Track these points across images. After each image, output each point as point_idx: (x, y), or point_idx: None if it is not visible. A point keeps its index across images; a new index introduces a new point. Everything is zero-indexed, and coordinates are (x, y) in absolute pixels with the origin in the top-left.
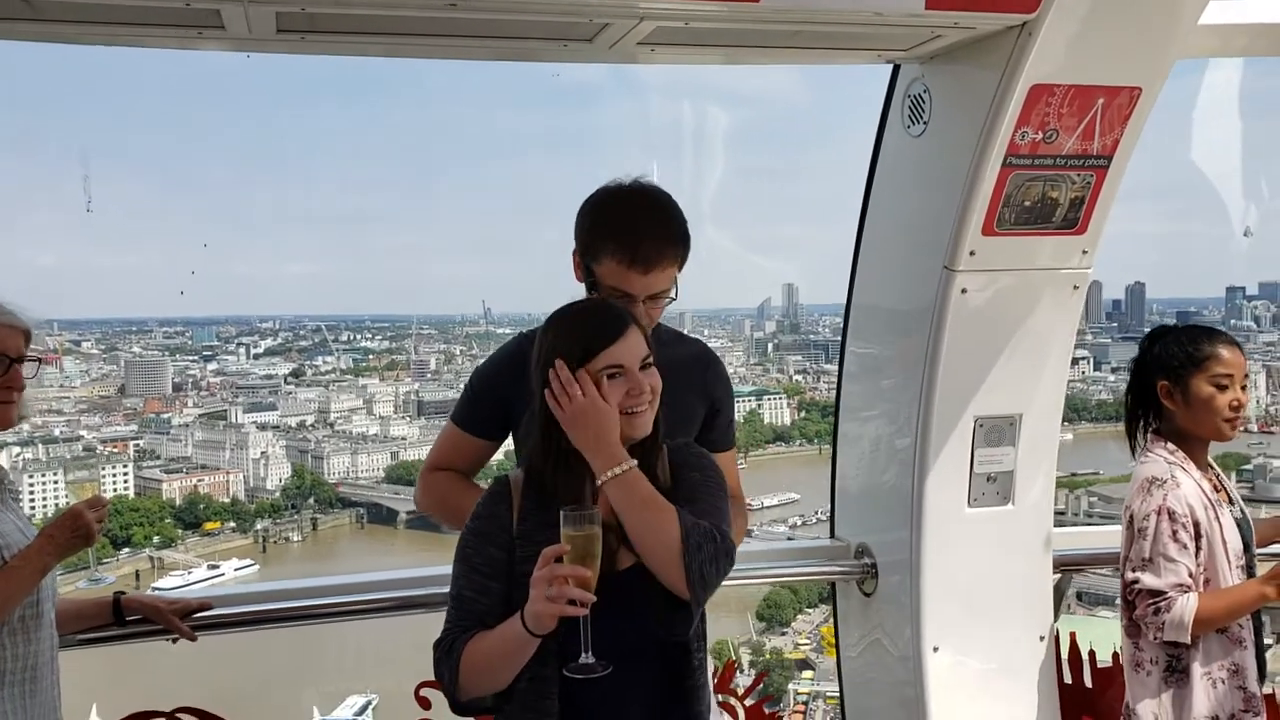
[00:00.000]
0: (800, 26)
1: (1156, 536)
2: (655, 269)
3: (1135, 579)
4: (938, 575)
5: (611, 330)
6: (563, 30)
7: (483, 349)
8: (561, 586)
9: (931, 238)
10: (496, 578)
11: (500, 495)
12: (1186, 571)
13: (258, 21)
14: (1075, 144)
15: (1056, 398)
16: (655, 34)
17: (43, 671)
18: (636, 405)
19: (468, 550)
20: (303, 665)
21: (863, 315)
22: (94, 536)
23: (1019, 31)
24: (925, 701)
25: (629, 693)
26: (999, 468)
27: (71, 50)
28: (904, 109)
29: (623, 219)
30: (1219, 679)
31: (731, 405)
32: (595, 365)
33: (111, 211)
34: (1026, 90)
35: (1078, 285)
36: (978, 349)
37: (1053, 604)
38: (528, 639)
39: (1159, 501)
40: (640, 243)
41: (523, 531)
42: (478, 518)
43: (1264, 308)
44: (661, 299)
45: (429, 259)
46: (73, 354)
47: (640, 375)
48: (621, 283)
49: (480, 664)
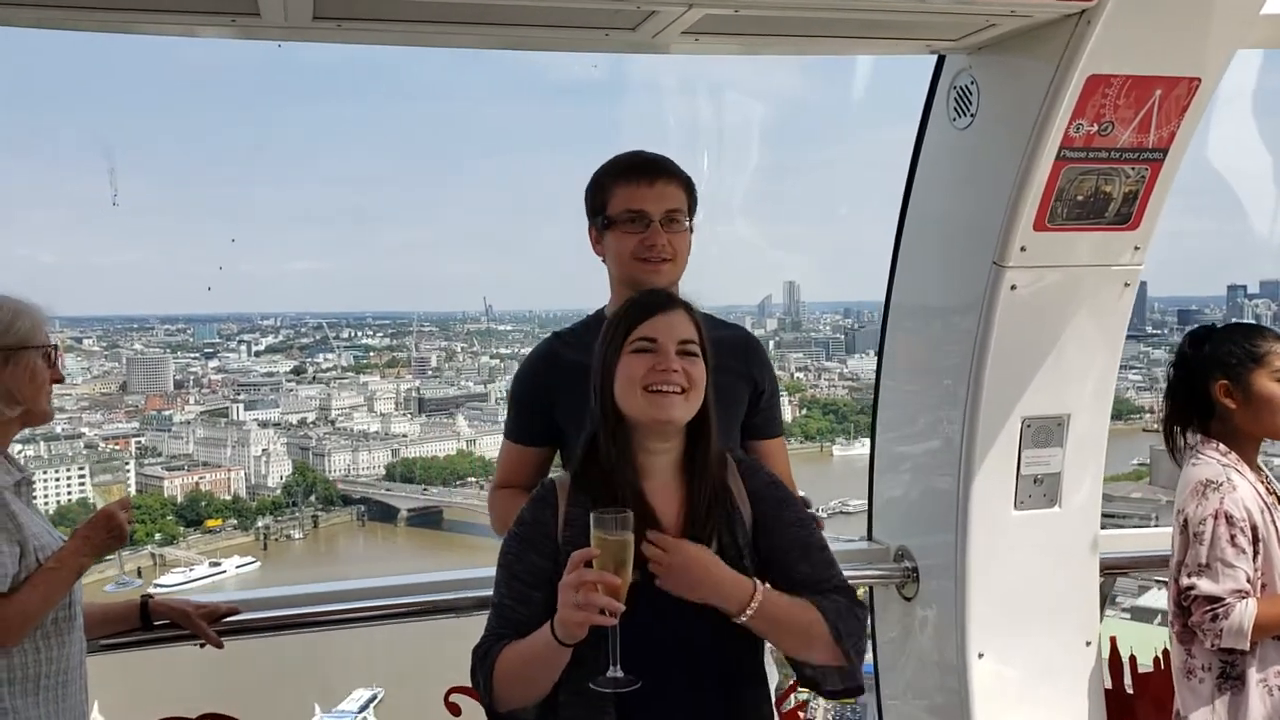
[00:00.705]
0: (848, 14)
1: (1214, 541)
2: (659, 180)
3: (1191, 585)
4: (983, 580)
5: (650, 305)
6: (606, 18)
7: (484, 346)
8: (590, 594)
9: (979, 233)
10: (538, 586)
11: (545, 500)
12: (1245, 577)
13: (295, 8)
14: (1131, 136)
15: (1105, 398)
16: (701, 22)
17: (73, 675)
18: (662, 384)
19: (509, 557)
20: (303, 663)
21: (904, 312)
22: (126, 537)
23: (1077, 20)
24: (970, 709)
25: (690, 707)
26: (1046, 469)
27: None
28: (950, 101)
29: (621, 156)
30: (1275, 685)
31: (776, 389)
32: (631, 339)
33: (113, 208)
34: (1083, 81)
35: (1129, 282)
36: (1026, 347)
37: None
38: (558, 648)
39: (1216, 505)
40: (641, 160)
41: (568, 538)
42: (521, 523)
43: (1265, 306)
44: (679, 223)
45: (431, 256)
46: (74, 351)
47: (672, 354)
48: (633, 200)
49: (513, 673)
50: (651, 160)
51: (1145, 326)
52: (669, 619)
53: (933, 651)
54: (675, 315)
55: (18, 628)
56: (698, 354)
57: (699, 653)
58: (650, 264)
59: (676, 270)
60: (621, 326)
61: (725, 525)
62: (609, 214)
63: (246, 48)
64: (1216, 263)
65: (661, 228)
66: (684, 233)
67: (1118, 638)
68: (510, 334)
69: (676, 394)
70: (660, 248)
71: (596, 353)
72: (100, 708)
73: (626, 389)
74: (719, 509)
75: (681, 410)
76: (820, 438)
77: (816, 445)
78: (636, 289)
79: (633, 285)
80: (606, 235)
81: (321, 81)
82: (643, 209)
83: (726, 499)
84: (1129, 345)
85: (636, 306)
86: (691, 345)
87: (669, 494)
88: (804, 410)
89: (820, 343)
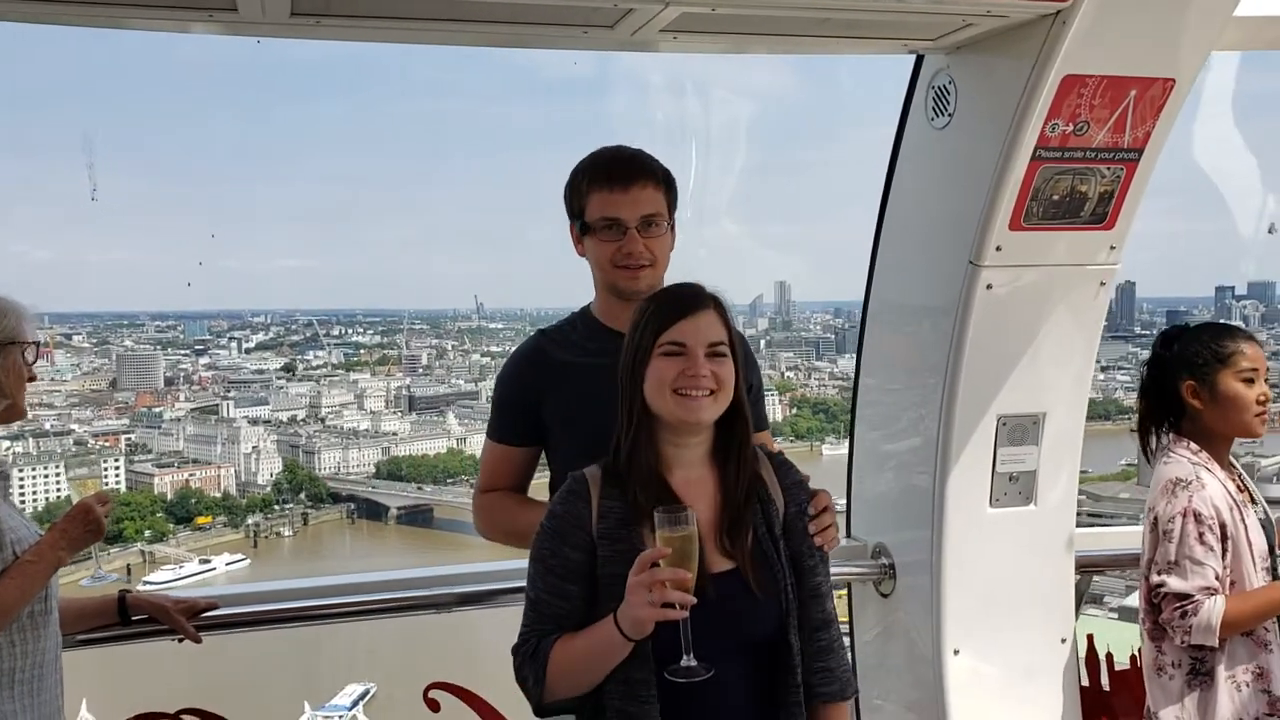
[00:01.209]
0: (826, 14)
1: (1182, 539)
2: (635, 185)
3: (1161, 582)
4: (959, 576)
5: (679, 308)
6: (584, 16)
7: (475, 344)
8: (661, 590)
9: (956, 232)
10: (575, 580)
11: (578, 493)
12: (1213, 574)
13: (272, 4)
14: (1106, 136)
15: (1081, 397)
16: (679, 20)
17: (48, 669)
18: (690, 388)
19: (543, 551)
20: (295, 659)
21: (882, 311)
22: (103, 531)
23: (1053, 20)
24: (945, 705)
25: (728, 695)
26: (1021, 467)
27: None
28: (928, 101)
29: (598, 155)
30: (1243, 682)
31: (761, 384)
32: (660, 341)
33: (103, 204)
34: (1058, 81)
35: (1104, 282)
36: (1002, 346)
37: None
38: (622, 643)
39: (1184, 503)
40: (616, 163)
41: (603, 530)
42: (553, 516)
43: (1253, 307)
44: (657, 228)
45: (422, 253)
46: (64, 348)
47: (702, 357)
48: (608, 208)
49: (571, 667)
50: (626, 161)
51: (1134, 327)
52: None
53: (909, 648)
54: (704, 317)
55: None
56: (727, 354)
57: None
58: (629, 271)
59: (657, 274)
60: (650, 327)
61: (761, 516)
62: (586, 219)
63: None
64: (1205, 263)
65: (639, 233)
66: (663, 236)
67: (1094, 636)
68: (501, 332)
69: (705, 396)
70: (638, 254)
71: (626, 349)
72: (89, 705)
73: (656, 391)
74: (754, 499)
75: (710, 411)
76: (810, 437)
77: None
78: (619, 293)
79: (614, 290)
80: (586, 240)
81: (312, 79)
82: (618, 216)
83: (761, 489)
84: (1118, 345)
85: (666, 306)
86: (721, 346)
87: (701, 485)
88: (794, 409)
89: (810, 342)
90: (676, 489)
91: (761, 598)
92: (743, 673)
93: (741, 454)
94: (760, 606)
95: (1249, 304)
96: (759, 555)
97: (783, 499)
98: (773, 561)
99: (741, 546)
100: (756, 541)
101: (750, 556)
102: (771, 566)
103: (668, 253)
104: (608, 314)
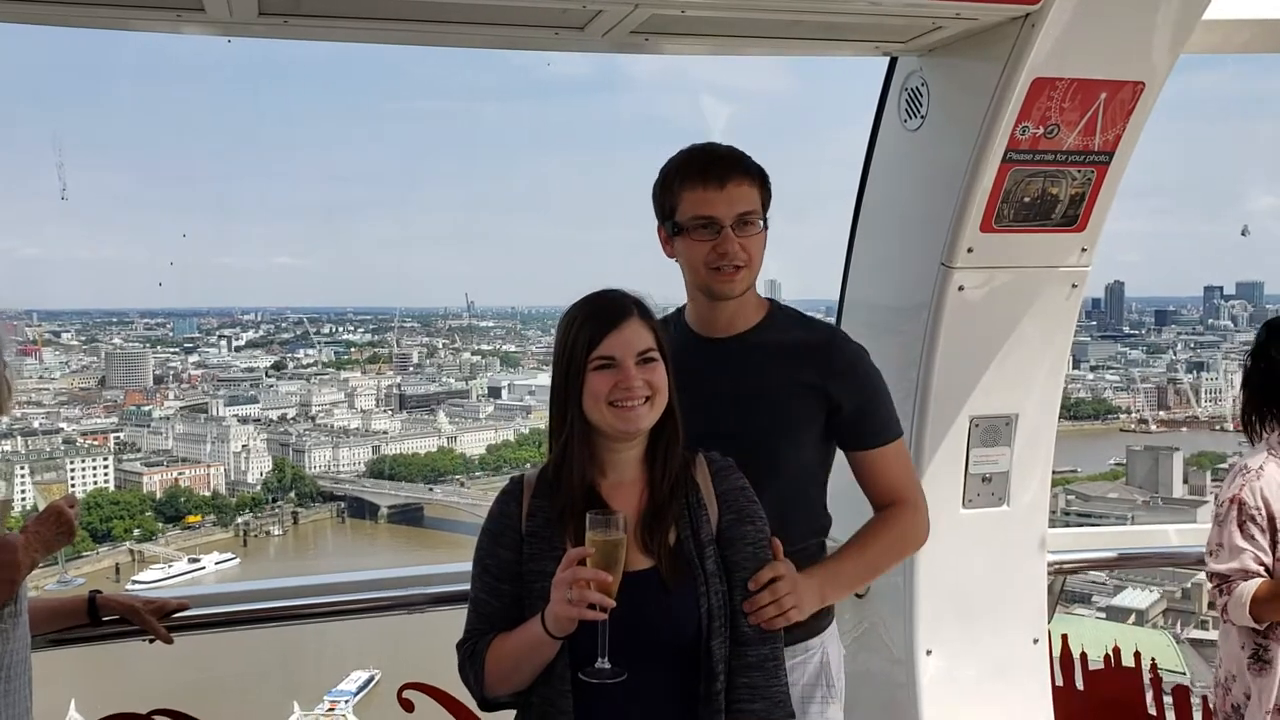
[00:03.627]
0: (798, 16)
1: (1225, 523)
2: (730, 182)
3: (1208, 563)
4: (931, 577)
5: (606, 322)
6: (554, 17)
7: (465, 342)
8: (582, 589)
9: (928, 234)
10: (507, 579)
11: (512, 494)
12: (1252, 559)
13: (240, 3)
14: (1076, 139)
15: (1053, 398)
16: (649, 22)
17: (17, 671)
18: (624, 400)
19: (481, 553)
20: (288, 658)
21: (856, 312)
22: (74, 532)
23: (1022, 23)
24: (918, 704)
25: (644, 697)
26: (994, 468)
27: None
28: (901, 102)
29: (691, 152)
30: None
31: (871, 401)
32: (592, 357)
33: (92, 201)
34: (1028, 84)
35: (1076, 284)
36: (974, 347)
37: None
38: (547, 640)
39: (1235, 490)
40: (710, 160)
41: (530, 529)
42: (491, 518)
43: (1241, 307)
44: (753, 225)
45: (412, 251)
46: (52, 345)
47: (633, 369)
48: (702, 206)
49: (503, 665)
50: (722, 158)
51: (1122, 326)
52: (647, 614)
53: (883, 648)
54: (630, 327)
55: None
56: (656, 359)
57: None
58: (723, 273)
59: (751, 275)
60: (581, 342)
61: (686, 518)
62: (678, 219)
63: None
64: (1193, 263)
65: (734, 232)
66: (759, 235)
67: (1074, 635)
68: (492, 330)
69: (641, 405)
70: (734, 255)
71: (558, 362)
72: (77, 705)
73: (593, 404)
74: (679, 500)
75: (648, 419)
76: None
77: None
78: (711, 295)
79: (707, 292)
80: (677, 241)
81: (303, 76)
82: (713, 215)
83: (691, 493)
84: (1107, 345)
85: (592, 321)
86: (650, 353)
87: (631, 488)
88: None
89: None
90: (605, 492)
91: (676, 598)
92: (662, 676)
93: (668, 448)
94: (675, 607)
95: (1237, 304)
96: (680, 556)
97: (717, 506)
98: (693, 564)
99: (661, 544)
100: (679, 543)
101: (671, 556)
102: (691, 569)
103: (762, 252)
104: (702, 321)
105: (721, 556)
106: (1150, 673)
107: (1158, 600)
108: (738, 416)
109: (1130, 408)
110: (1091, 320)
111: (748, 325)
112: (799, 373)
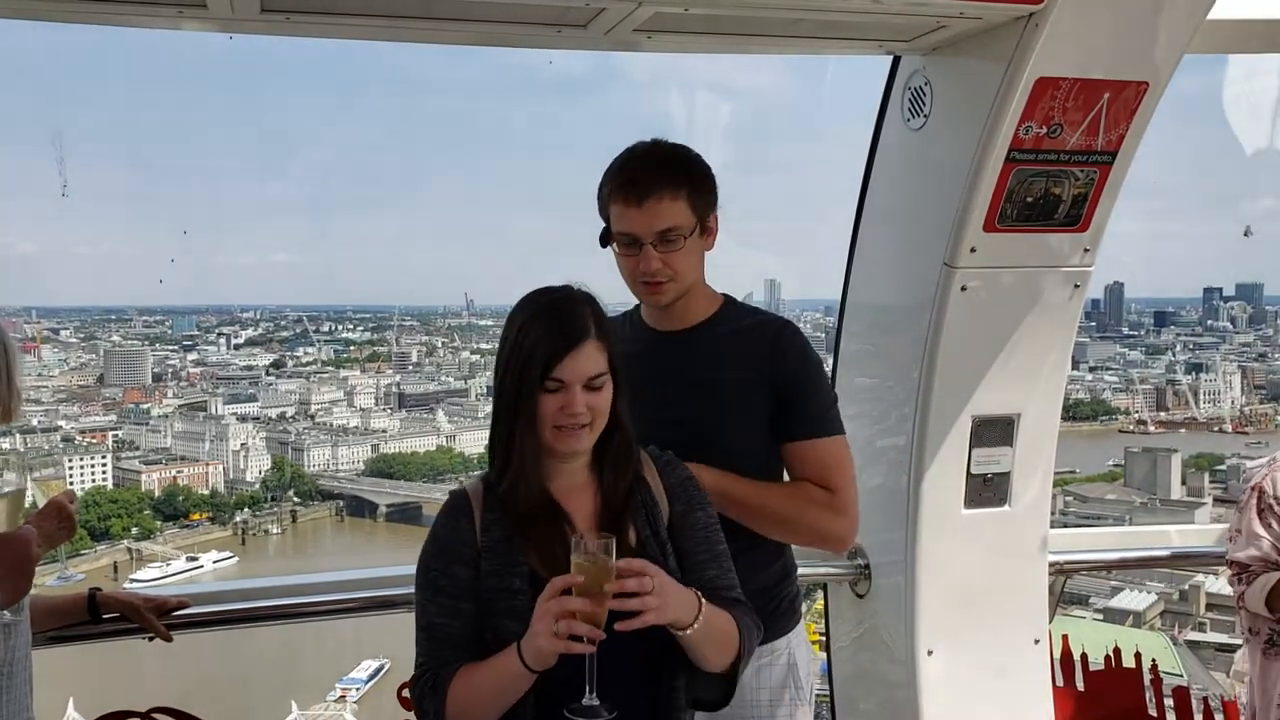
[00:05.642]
0: (801, 15)
1: (1245, 509)
2: (651, 199)
3: (1228, 550)
4: (933, 577)
5: (564, 344)
6: (556, 15)
7: (464, 341)
8: (570, 621)
9: (931, 233)
10: (467, 598)
11: (461, 508)
12: (1270, 547)
13: (242, 1)
14: (1080, 139)
15: (1055, 398)
16: (652, 20)
17: (18, 668)
18: (566, 423)
19: (432, 574)
20: (288, 657)
21: (858, 312)
22: (75, 527)
23: (1026, 22)
24: (919, 705)
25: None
26: (996, 468)
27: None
28: (904, 102)
29: (623, 158)
30: None
31: (804, 392)
32: (545, 379)
33: (91, 198)
34: (1032, 83)
35: (1079, 284)
36: (976, 347)
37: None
38: (524, 674)
39: (1258, 479)
40: (634, 174)
41: (487, 544)
42: (436, 537)
43: (1240, 308)
44: (674, 243)
45: (412, 249)
46: (51, 342)
47: (579, 394)
48: (623, 223)
49: (471, 699)
50: (645, 171)
51: (1122, 327)
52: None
53: (884, 648)
54: (583, 353)
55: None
56: (602, 385)
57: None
58: (649, 286)
59: (681, 286)
60: (538, 360)
61: (644, 518)
62: (609, 228)
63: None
64: (1193, 265)
65: (655, 250)
66: (682, 250)
67: (1074, 637)
68: (491, 328)
69: (582, 429)
70: (654, 273)
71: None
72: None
73: (539, 423)
74: (635, 501)
75: (586, 441)
76: None
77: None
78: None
79: (641, 300)
80: (611, 247)
81: (303, 73)
82: (633, 233)
83: (644, 491)
84: (1106, 345)
85: (550, 339)
86: (597, 380)
87: (583, 491)
88: None
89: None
90: (558, 497)
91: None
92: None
93: (618, 457)
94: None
95: (1236, 305)
96: (645, 557)
97: (666, 500)
98: (659, 564)
99: (623, 548)
100: (641, 544)
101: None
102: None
103: (692, 264)
104: (653, 317)
105: (674, 546)
106: (1151, 674)
107: (1155, 602)
108: (688, 403)
109: (1129, 409)
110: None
111: (700, 319)
112: (748, 360)
